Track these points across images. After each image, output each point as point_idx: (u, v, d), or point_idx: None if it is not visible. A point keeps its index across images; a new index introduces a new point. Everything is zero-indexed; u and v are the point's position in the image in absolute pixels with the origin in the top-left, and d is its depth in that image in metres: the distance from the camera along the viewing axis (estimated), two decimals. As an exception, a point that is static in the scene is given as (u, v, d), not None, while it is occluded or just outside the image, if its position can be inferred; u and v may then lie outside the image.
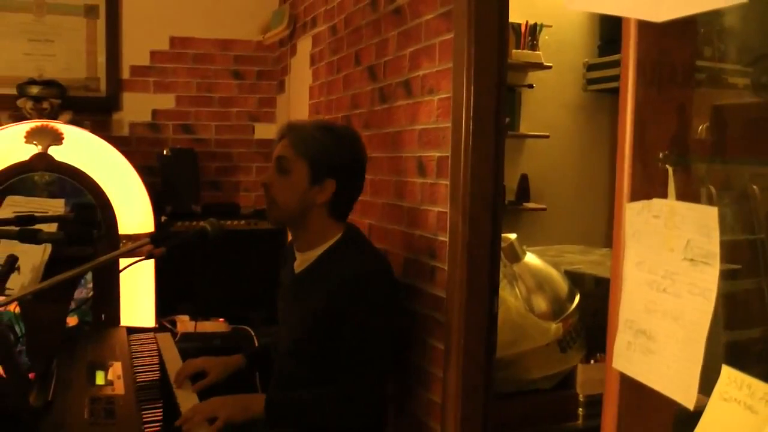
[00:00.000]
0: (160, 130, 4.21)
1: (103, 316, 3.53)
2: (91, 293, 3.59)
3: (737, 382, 0.78)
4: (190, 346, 2.92)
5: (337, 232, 2.31)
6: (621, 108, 0.91)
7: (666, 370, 0.82)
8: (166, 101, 4.21)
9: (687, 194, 0.86)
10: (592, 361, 2.61)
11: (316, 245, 2.31)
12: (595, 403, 2.57)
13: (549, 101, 4.66)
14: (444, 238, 2.22)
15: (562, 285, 2.65)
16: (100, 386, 2.33)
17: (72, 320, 3.59)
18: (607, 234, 4.90)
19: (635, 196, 0.89)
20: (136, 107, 4.17)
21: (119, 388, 2.32)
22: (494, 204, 2.15)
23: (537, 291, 2.57)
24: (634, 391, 0.90)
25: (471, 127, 2.09)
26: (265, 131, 4.36)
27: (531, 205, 4.50)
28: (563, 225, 4.54)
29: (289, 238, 3.65)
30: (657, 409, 0.92)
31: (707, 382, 0.80)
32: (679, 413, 0.93)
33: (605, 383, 0.93)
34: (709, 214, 0.80)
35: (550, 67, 4.51)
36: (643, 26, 0.87)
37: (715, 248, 0.79)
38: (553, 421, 2.53)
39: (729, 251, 0.97)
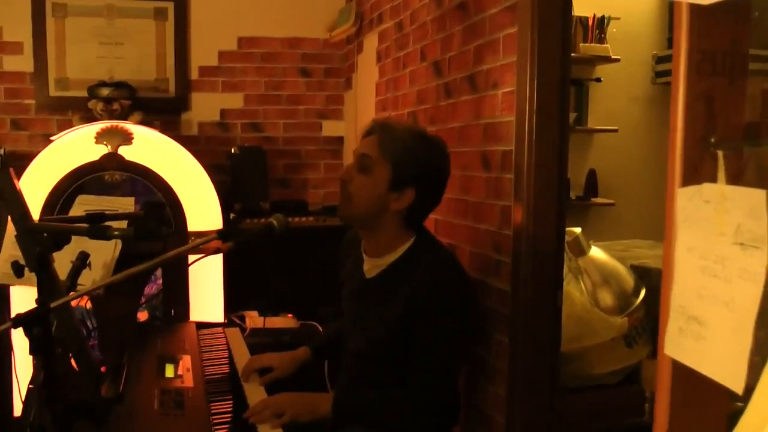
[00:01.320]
0: (228, 129, 4.29)
1: (173, 311, 3.61)
2: (161, 289, 3.68)
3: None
4: (259, 341, 2.97)
5: (410, 237, 2.26)
6: (672, 95, 0.90)
7: (716, 356, 0.81)
8: (235, 101, 4.28)
9: (738, 179, 0.85)
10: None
11: (388, 251, 2.27)
12: (663, 399, 2.54)
13: (617, 95, 4.60)
14: (508, 232, 2.22)
15: (628, 279, 2.62)
16: (170, 379, 2.38)
17: (143, 315, 3.68)
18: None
19: (687, 183, 0.88)
20: (205, 107, 4.25)
21: (188, 380, 2.37)
22: (558, 198, 2.14)
23: (602, 285, 2.54)
24: (688, 380, 0.90)
25: (534, 121, 2.08)
26: (333, 128, 4.40)
27: (599, 200, 4.45)
28: (632, 220, 4.48)
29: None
30: (711, 400, 0.91)
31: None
32: (734, 409, 0.93)
33: (658, 371, 0.93)
34: (758, 197, 0.79)
35: (618, 60, 4.46)
36: (696, 13, 0.87)
37: (764, 231, 0.78)
38: (618, 417, 2.51)
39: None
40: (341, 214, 2.33)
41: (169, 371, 2.45)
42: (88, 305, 3.16)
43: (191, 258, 2.87)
